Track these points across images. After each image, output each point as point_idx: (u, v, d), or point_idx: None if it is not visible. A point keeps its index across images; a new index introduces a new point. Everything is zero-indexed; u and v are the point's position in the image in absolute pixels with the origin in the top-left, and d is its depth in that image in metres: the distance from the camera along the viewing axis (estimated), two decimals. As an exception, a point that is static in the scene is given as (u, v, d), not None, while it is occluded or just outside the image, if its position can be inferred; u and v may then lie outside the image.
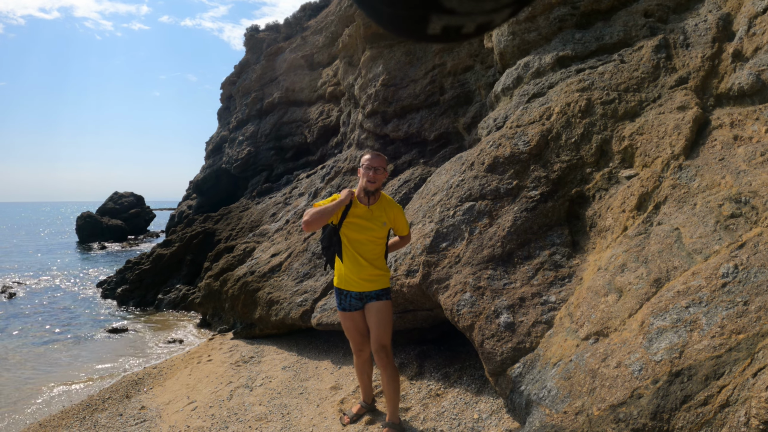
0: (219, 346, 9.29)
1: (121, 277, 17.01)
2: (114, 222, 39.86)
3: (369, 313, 4.73)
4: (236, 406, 6.19)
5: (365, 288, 4.70)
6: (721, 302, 3.16)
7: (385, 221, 4.69)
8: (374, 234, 4.66)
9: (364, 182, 4.63)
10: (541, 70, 6.95)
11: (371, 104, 11.41)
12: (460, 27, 0.57)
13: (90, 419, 6.60)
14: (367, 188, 4.64)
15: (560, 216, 5.22)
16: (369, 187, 4.63)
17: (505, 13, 0.57)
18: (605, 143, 5.47)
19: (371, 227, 4.64)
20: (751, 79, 5.12)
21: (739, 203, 3.91)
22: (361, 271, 4.67)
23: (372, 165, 4.60)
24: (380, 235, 4.69)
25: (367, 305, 4.74)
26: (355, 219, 4.64)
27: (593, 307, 3.93)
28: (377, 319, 4.67)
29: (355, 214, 4.65)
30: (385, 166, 4.69)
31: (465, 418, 4.85)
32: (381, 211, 4.70)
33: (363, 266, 4.67)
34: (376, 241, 4.69)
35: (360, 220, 4.64)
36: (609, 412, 3.02)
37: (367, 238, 4.65)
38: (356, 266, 4.68)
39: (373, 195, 4.69)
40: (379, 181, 4.65)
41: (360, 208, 4.67)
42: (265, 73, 22.47)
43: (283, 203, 14.93)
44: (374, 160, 4.63)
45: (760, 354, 2.81)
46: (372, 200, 4.70)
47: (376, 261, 4.72)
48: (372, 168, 4.59)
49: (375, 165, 4.60)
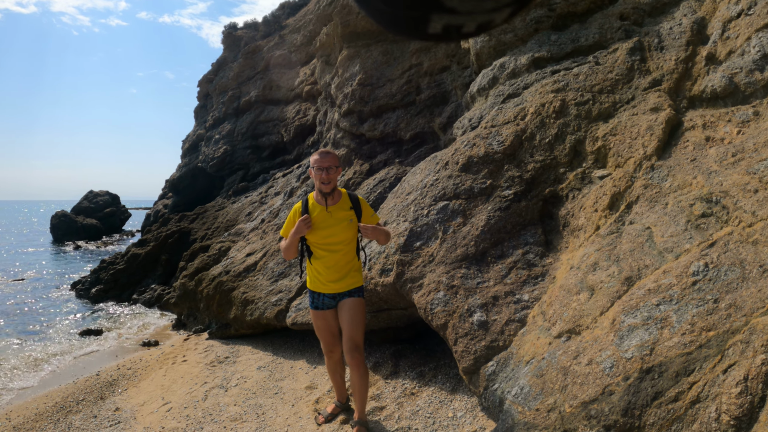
0: (194, 346, 9.21)
1: (95, 277, 16.79)
2: (89, 221, 39.40)
3: (341, 311, 4.64)
4: (211, 406, 6.14)
5: (337, 290, 4.63)
6: (691, 300, 3.20)
7: (352, 218, 4.56)
8: (340, 235, 4.54)
9: (318, 184, 4.51)
10: (517, 71, 6.99)
11: (347, 103, 11.39)
12: (460, 26, 0.58)
13: (64, 421, 6.50)
14: (323, 190, 4.51)
15: (534, 215, 5.25)
16: (324, 188, 4.49)
17: (505, 13, 0.57)
18: (579, 144, 5.51)
19: (335, 230, 4.53)
20: (724, 82, 5.20)
21: (710, 203, 3.96)
22: (331, 274, 4.59)
23: (322, 165, 4.44)
24: (347, 235, 4.58)
25: (340, 303, 4.67)
26: (316, 224, 4.52)
27: (565, 305, 3.96)
28: (350, 316, 4.57)
29: (316, 220, 4.52)
30: (337, 164, 4.53)
31: (440, 416, 4.86)
32: (342, 210, 4.57)
33: (332, 269, 4.59)
34: (344, 241, 4.58)
35: (322, 224, 4.52)
36: (581, 409, 3.04)
37: (333, 240, 4.55)
38: (326, 269, 4.60)
39: (331, 195, 4.54)
40: (333, 181, 4.50)
41: (319, 211, 4.55)
42: (242, 72, 22.36)
43: (259, 202, 14.85)
44: (324, 159, 4.47)
45: (730, 351, 2.85)
46: (330, 201, 4.56)
47: (346, 262, 4.63)
48: (323, 169, 4.44)
49: (326, 165, 4.44)
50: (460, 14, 0.55)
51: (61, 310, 14.58)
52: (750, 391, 2.62)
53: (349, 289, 4.65)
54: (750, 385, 2.64)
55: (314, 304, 4.77)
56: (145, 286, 15.19)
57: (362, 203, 4.67)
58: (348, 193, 4.69)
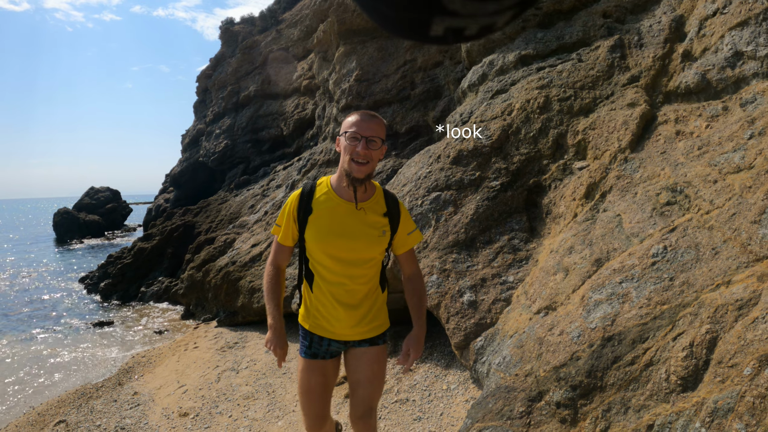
0: (204, 334, 9.69)
1: (103, 271, 17.26)
2: (91, 217, 39.79)
3: (356, 365, 3.02)
4: (224, 387, 6.61)
5: (353, 336, 2.95)
6: (650, 278, 3.66)
7: (385, 229, 2.86)
8: (365, 251, 2.82)
9: (349, 164, 2.68)
10: (505, 68, 7.42)
11: (345, 99, 11.83)
12: (462, 29, 0.57)
13: (86, 406, 6.97)
14: (353, 173, 2.67)
15: (519, 204, 5.71)
16: (356, 171, 2.67)
17: (507, 15, 0.57)
18: (561, 137, 5.95)
19: (360, 243, 2.79)
20: (697, 78, 5.59)
21: (674, 192, 4.40)
22: (346, 312, 2.87)
23: (362, 133, 2.64)
24: (373, 252, 2.85)
25: (353, 351, 3.03)
26: (329, 227, 2.79)
27: (544, 285, 4.42)
28: (370, 374, 3.00)
29: (327, 222, 2.79)
30: (383, 136, 2.74)
31: (435, 389, 5.33)
32: (375, 214, 2.85)
33: (347, 304, 2.86)
34: (369, 261, 2.86)
35: (339, 229, 2.78)
36: (552, 373, 3.51)
37: (353, 257, 2.80)
38: (337, 303, 2.86)
39: (362, 185, 2.74)
40: (373, 162, 2.72)
41: (334, 207, 2.81)
42: (240, 67, 22.73)
43: (261, 195, 15.30)
44: (367, 124, 2.67)
45: (680, 321, 3.30)
46: (363, 195, 2.81)
47: (368, 293, 2.93)
48: (362, 139, 2.63)
49: (368, 134, 2.64)
50: (462, 17, 0.55)
51: (72, 304, 15.07)
52: (695, 356, 3.07)
53: (370, 336, 2.98)
54: (695, 350, 3.09)
55: (311, 351, 3.01)
56: (152, 279, 15.64)
57: (402, 210, 2.99)
58: (384, 190, 2.98)
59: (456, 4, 0.53)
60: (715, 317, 3.16)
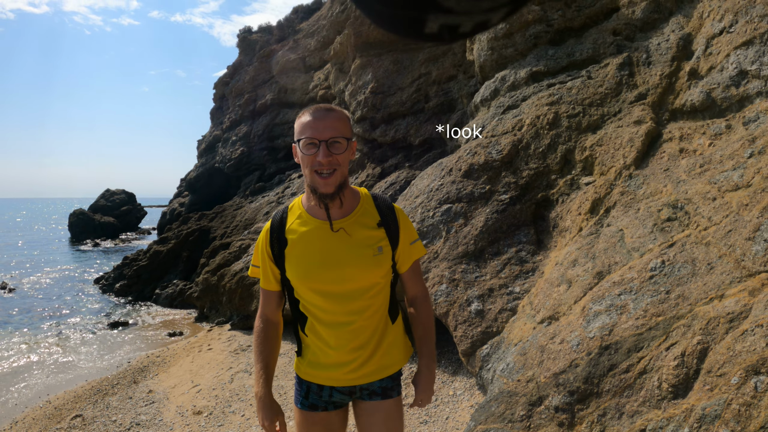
0: (218, 336, 9.92)
1: (118, 272, 17.59)
2: (106, 219, 40.34)
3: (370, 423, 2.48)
4: (237, 387, 6.83)
5: (357, 380, 2.39)
6: (647, 291, 3.84)
7: (381, 243, 2.29)
8: (359, 278, 2.25)
9: (312, 178, 2.16)
10: (516, 83, 7.62)
11: (360, 110, 12.08)
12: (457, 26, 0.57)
13: (102, 402, 7.21)
14: (319, 188, 2.16)
15: (527, 217, 5.90)
16: (324, 187, 2.15)
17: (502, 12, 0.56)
18: (569, 153, 6.14)
19: (350, 270, 2.23)
20: (702, 96, 5.73)
21: (675, 208, 4.58)
22: (351, 358, 2.35)
23: (319, 137, 2.10)
24: (372, 277, 2.28)
25: (363, 405, 2.49)
26: (309, 256, 2.26)
27: (548, 295, 4.62)
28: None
29: (306, 250, 2.27)
30: (348, 134, 2.18)
31: (442, 394, 5.52)
32: (364, 227, 2.29)
33: (346, 346, 2.33)
34: (370, 290, 2.30)
35: (319, 256, 2.24)
36: (552, 379, 3.70)
37: (350, 289, 2.26)
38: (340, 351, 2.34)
39: (335, 200, 2.20)
40: (343, 167, 2.18)
41: (310, 231, 2.28)
42: (257, 75, 23.07)
43: (276, 202, 15.57)
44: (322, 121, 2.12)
45: (674, 332, 3.48)
46: (336, 211, 2.26)
47: (374, 329, 2.36)
48: (321, 143, 2.10)
49: (327, 135, 2.10)
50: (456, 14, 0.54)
51: (88, 304, 15.37)
52: (686, 365, 3.25)
53: (380, 377, 2.42)
54: (686, 360, 3.27)
55: (309, 401, 2.49)
56: (167, 282, 15.92)
57: (401, 217, 2.41)
58: (373, 196, 2.43)
59: (451, 1, 0.53)
60: (707, 329, 3.34)
